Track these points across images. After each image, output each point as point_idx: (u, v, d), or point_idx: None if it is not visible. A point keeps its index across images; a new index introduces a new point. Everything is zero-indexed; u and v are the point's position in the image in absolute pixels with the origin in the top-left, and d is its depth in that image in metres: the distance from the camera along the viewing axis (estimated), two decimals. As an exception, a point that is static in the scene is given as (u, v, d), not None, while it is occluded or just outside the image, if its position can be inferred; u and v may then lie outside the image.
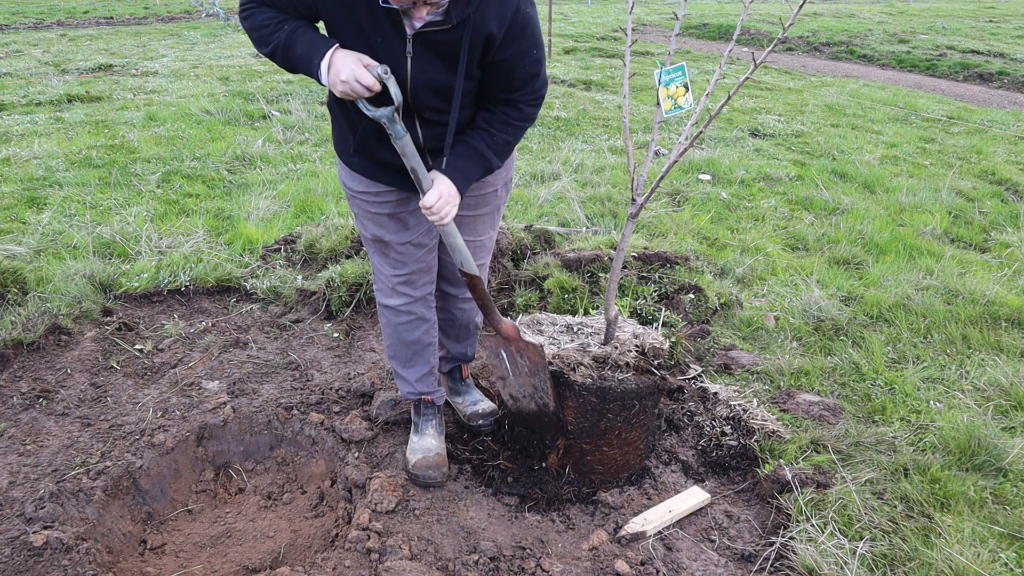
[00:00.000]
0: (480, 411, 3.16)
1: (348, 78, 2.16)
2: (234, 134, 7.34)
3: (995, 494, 2.81)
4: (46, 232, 4.80)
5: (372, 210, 2.62)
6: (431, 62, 2.24)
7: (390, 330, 2.90)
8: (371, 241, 2.72)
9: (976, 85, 12.46)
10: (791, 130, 8.54)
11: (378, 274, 2.80)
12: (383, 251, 2.71)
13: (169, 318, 4.03)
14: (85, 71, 10.36)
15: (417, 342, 2.91)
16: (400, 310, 2.82)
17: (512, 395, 2.85)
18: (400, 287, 2.78)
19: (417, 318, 2.86)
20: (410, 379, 2.98)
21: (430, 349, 2.97)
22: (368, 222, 2.66)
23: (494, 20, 2.20)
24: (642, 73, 9.79)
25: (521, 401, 2.84)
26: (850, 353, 3.78)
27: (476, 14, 2.16)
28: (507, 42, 2.25)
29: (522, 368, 2.75)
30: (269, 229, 5.01)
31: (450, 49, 2.22)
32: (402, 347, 2.92)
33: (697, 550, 2.63)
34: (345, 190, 2.69)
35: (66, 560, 2.39)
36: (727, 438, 3.15)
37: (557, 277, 4.16)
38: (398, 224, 2.64)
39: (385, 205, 2.60)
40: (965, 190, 6.57)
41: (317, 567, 2.46)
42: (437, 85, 2.28)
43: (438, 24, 2.15)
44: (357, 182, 2.60)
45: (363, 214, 2.66)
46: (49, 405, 3.26)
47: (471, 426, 3.16)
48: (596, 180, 6.28)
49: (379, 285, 2.84)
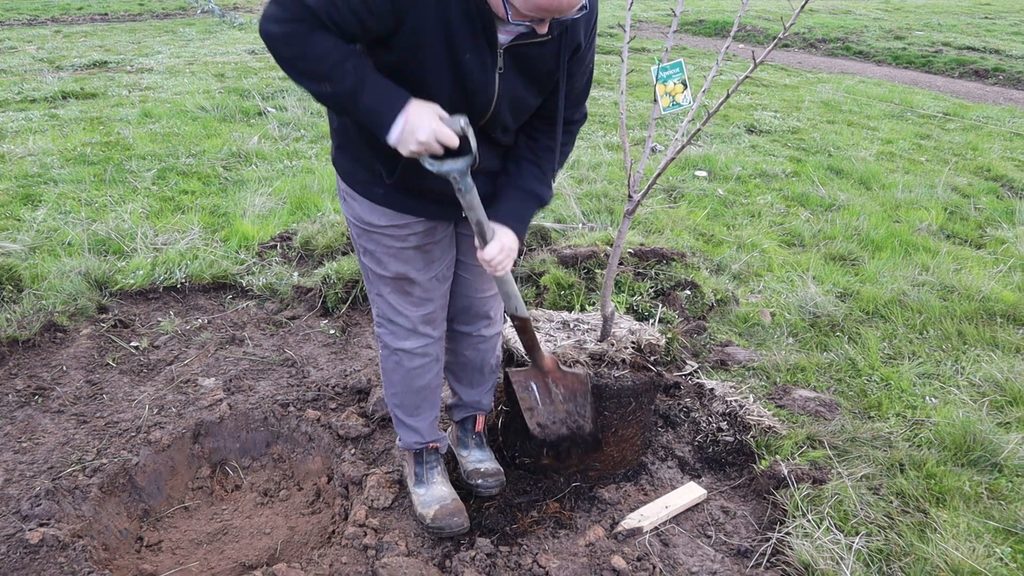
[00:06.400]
0: (483, 470, 2.79)
1: (427, 138, 1.88)
2: (230, 131, 7.32)
3: (990, 489, 2.82)
4: (41, 229, 4.78)
5: (397, 245, 2.32)
6: (517, 78, 2.03)
7: (399, 376, 2.60)
8: (391, 280, 2.40)
9: (971, 82, 12.48)
10: (787, 126, 8.55)
11: (395, 316, 2.48)
12: (406, 290, 2.42)
13: (165, 315, 4.02)
14: (80, 68, 10.33)
15: (427, 387, 2.64)
16: (416, 353, 2.54)
17: (540, 423, 2.73)
18: (422, 327, 2.51)
19: (432, 360, 2.60)
20: (418, 428, 2.70)
21: (438, 392, 2.71)
22: (391, 260, 2.35)
23: (582, 28, 2.05)
24: (639, 70, 9.78)
25: (550, 428, 2.74)
26: (846, 349, 3.79)
27: (573, 24, 1.99)
28: (585, 50, 2.11)
29: (556, 396, 2.68)
30: (265, 226, 5.00)
31: (540, 63, 2.03)
32: (411, 395, 2.64)
33: (693, 546, 2.63)
34: (357, 228, 2.35)
35: (62, 557, 2.39)
36: (723, 434, 3.16)
37: (553, 274, 4.16)
38: (425, 257, 2.37)
39: (412, 238, 2.31)
40: (961, 186, 6.58)
41: (314, 564, 2.46)
42: (518, 103, 2.09)
43: (533, 36, 1.93)
44: (380, 216, 2.27)
45: (384, 251, 2.34)
46: (45, 402, 3.26)
47: (468, 484, 2.80)
48: (592, 177, 6.28)
49: (391, 328, 2.52)
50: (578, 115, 2.31)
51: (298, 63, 1.86)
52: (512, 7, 1.80)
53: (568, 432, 2.75)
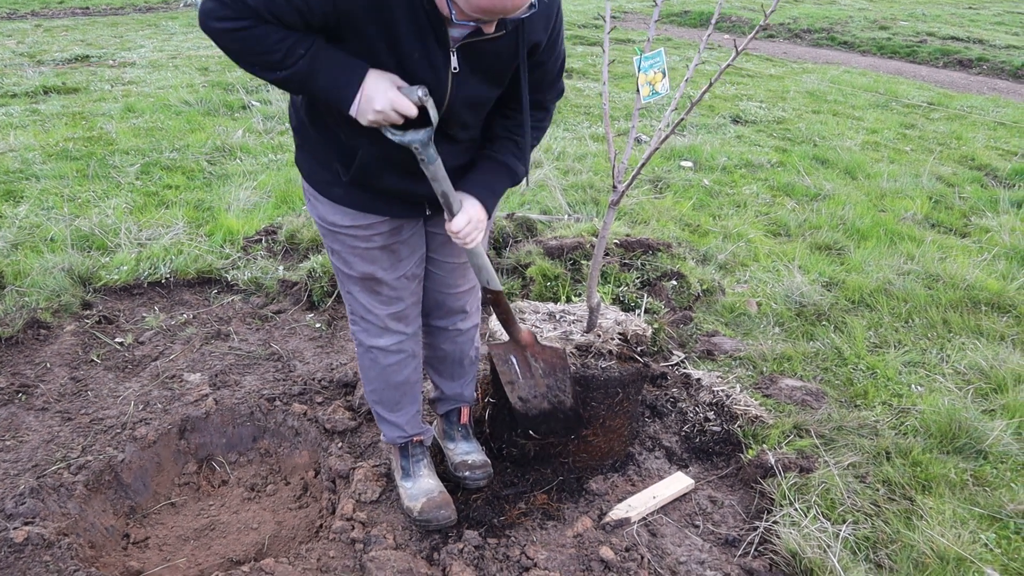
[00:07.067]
0: (470, 462, 2.79)
1: (383, 107, 1.86)
2: (214, 125, 7.27)
3: (975, 476, 2.84)
4: (23, 225, 4.74)
5: (363, 246, 2.30)
6: (473, 75, 1.99)
7: (375, 373, 2.60)
8: (359, 280, 2.39)
9: (956, 71, 12.53)
10: (772, 117, 8.56)
11: (366, 314, 2.48)
12: (375, 289, 2.41)
13: (150, 311, 3.99)
14: (61, 62, 10.22)
15: (405, 382, 2.64)
16: (391, 350, 2.55)
17: (521, 397, 2.69)
18: (394, 324, 2.50)
19: (408, 355, 2.60)
20: (400, 423, 2.70)
21: (417, 386, 2.71)
22: (356, 260, 2.33)
23: (540, 24, 2.01)
24: (623, 61, 9.77)
25: (531, 401, 2.69)
26: (832, 338, 3.80)
27: (529, 20, 1.94)
28: (549, 46, 2.09)
29: (536, 370, 2.63)
30: (250, 220, 4.97)
31: (496, 60, 2.00)
32: (390, 390, 2.64)
33: (681, 535, 2.64)
34: (323, 228, 2.33)
35: (48, 556, 2.37)
36: (710, 424, 3.17)
37: (539, 265, 4.16)
38: (391, 257, 2.35)
39: (377, 238, 2.29)
40: (945, 176, 6.62)
41: (301, 558, 2.46)
42: (476, 100, 2.07)
43: (485, 33, 1.89)
44: (342, 216, 2.25)
45: (349, 251, 2.32)
46: (28, 400, 3.23)
47: (456, 476, 2.80)
48: (578, 168, 6.27)
49: (363, 326, 2.53)
50: (552, 95, 2.27)
51: (246, 56, 1.83)
52: (456, 7, 1.76)
53: (549, 407, 2.71)
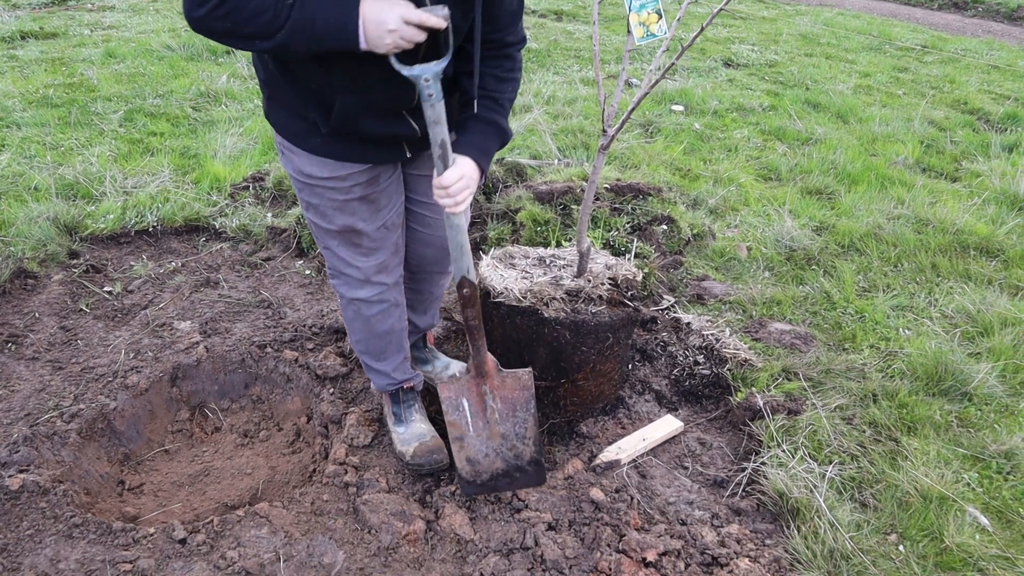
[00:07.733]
0: (455, 374, 2.94)
1: (397, 24, 1.71)
2: (197, 70, 7.13)
3: (960, 418, 2.88)
4: (5, 174, 4.67)
5: (341, 198, 2.23)
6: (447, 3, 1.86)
7: (359, 324, 2.58)
8: (338, 233, 2.33)
9: (951, 14, 12.39)
10: (765, 60, 8.46)
11: (345, 267, 2.44)
12: (355, 242, 2.36)
13: (138, 259, 3.96)
14: (37, 6, 9.96)
15: (390, 331, 2.62)
16: (373, 301, 2.51)
17: (470, 458, 2.45)
18: (376, 276, 2.46)
19: (391, 305, 2.56)
20: (387, 371, 2.71)
21: (403, 334, 2.69)
22: (336, 213, 2.27)
23: None
24: (613, 3, 9.60)
25: (481, 464, 2.46)
26: (821, 282, 3.82)
27: None
28: None
29: (492, 414, 2.41)
30: (237, 167, 4.91)
31: None
32: (375, 339, 2.62)
33: (671, 477, 2.68)
34: (299, 182, 2.25)
35: (43, 503, 2.39)
36: (700, 367, 3.19)
37: (529, 210, 4.14)
38: (370, 207, 2.29)
39: (356, 189, 2.22)
40: (937, 120, 6.58)
41: (295, 502, 2.48)
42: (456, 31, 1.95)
43: None
44: (320, 167, 2.18)
45: (328, 204, 2.25)
46: (18, 350, 3.22)
47: None
48: (568, 112, 6.20)
49: (344, 279, 2.49)
50: (515, 37, 2.16)
51: (240, 29, 1.73)
52: None
53: (504, 466, 2.47)
